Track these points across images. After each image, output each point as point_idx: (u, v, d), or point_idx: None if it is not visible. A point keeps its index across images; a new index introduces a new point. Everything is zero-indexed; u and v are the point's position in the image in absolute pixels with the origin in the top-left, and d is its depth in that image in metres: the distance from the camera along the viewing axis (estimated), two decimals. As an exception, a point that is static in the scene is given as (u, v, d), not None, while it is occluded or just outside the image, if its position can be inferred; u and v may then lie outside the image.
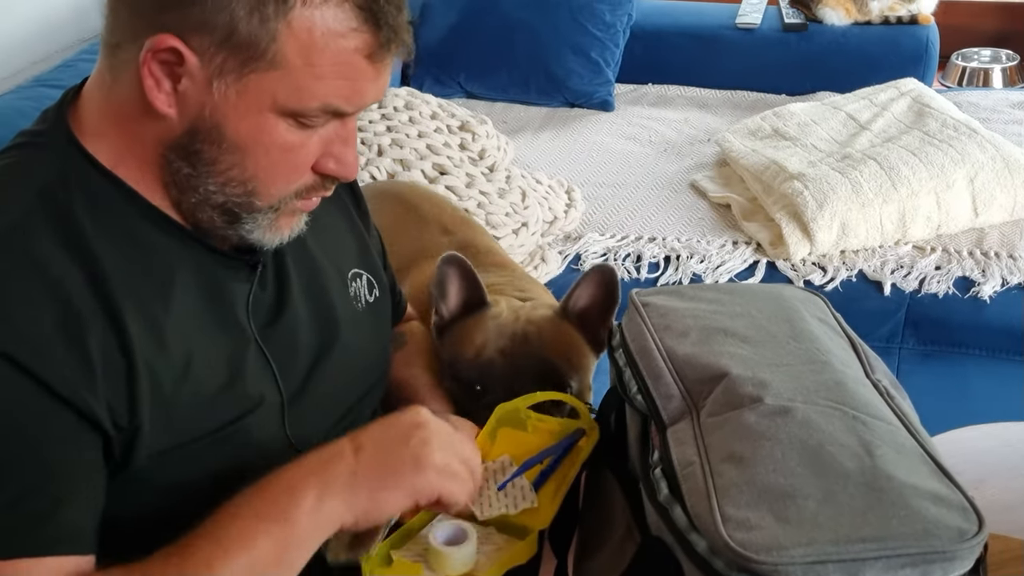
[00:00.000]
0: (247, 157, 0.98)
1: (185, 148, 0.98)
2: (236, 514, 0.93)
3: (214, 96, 0.95)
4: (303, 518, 0.93)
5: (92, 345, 0.93)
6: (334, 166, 1.02)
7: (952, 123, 2.59)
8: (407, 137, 2.52)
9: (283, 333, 1.11)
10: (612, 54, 3.23)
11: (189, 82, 0.94)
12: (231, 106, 0.95)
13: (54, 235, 0.95)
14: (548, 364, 1.38)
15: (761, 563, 0.78)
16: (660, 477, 0.93)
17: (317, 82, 0.95)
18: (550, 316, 1.44)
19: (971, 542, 0.80)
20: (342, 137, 1.01)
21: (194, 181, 0.99)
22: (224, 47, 0.93)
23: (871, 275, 2.34)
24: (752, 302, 1.10)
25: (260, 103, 0.95)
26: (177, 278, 1.02)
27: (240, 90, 0.94)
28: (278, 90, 0.95)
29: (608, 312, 1.42)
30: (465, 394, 1.38)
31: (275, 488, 0.95)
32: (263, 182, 1.00)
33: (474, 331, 1.42)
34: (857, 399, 0.93)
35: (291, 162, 1.00)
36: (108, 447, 0.95)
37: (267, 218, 1.03)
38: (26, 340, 0.90)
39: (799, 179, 2.45)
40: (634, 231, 2.56)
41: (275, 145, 0.98)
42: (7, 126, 1.73)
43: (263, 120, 0.96)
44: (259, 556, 0.92)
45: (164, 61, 0.94)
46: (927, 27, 3.23)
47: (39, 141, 1.02)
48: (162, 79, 0.95)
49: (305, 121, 0.98)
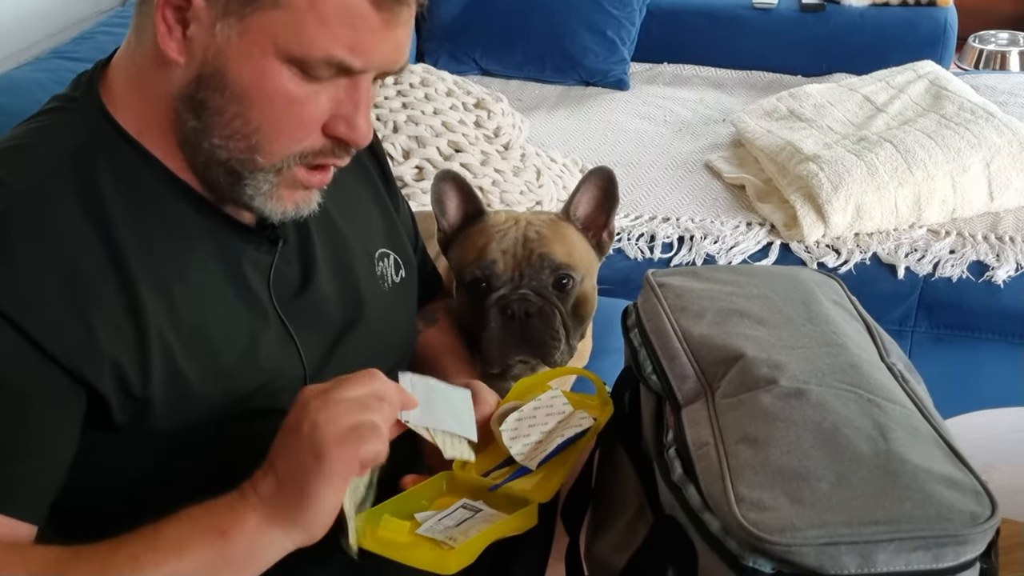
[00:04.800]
0: (251, 107, 0.96)
1: (192, 97, 0.97)
2: (178, 518, 0.90)
3: (217, 39, 0.94)
4: (242, 537, 0.90)
5: (99, 311, 0.94)
6: (344, 129, 0.99)
7: (969, 106, 2.58)
8: (422, 114, 2.52)
9: (307, 308, 1.11)
10: (628, 32, 3.22)
11: (197, 27, 0.95)
12: (234, 48, 0.94)
13: (75, 199, 0.96)
14: (549, 259, 1.44)
15: (774, 544, 0.78)
16: (674, 457, 0.94)
17: (320, 28, 0.93)
18: (551, 218, 1.52)
19: (983, 526, 0.80)
20: (353, 99, 0.98)
21: (200, 136, 0.99)
22: None
23: (885, 258, 2.34)
24: (768, 284, 1.10)
25: (262, 46, 0.94)
26: (195, 248, 1.03)
27: (242, 31, 0.94)
28: (279, 32, 0.93)
29: (609, 213, 1.51)
30: (474, 297, 1.45)
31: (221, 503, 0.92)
32: (267, 136, 0.98)
33: (476, 237, 1.49)
34: (872, 382, 0.94)
35: (296, 116, 0.97)
36: (106, 412, 0.96)
37: (269, 182, 1.01)
38: (27, 299, 0.90)
39: (814, 161, 2.44)
40: (648, 211, 2.56)
41: (278, 94, 0.96)
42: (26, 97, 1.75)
43: (265, 64, 0.95)
44: (190, 565, 0.89)
45: (176, 7, 0.94)
46: (945, 9, 3.21)
47: (70, 107, 1.03)
48: (174, 25, 0.95)
49: (310, 72, 0.95)
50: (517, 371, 1.47)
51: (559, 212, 1.53)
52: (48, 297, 0.91)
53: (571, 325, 1.46)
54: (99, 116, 1.01)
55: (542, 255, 1.45)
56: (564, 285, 1.45)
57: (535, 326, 1.43)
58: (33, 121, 1.04)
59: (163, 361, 0.97)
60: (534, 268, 1.44)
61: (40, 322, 0.90)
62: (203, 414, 1.01)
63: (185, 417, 1.00)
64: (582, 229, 1.52)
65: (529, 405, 1.13)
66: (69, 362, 0.92)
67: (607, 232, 1.53)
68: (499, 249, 1.45)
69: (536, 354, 1.44)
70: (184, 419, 1.00)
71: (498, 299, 1.43)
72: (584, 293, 1.48)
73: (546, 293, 1.44)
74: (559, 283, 1.45)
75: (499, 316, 1.43)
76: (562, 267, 1.45)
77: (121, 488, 1.01)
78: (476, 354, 1.43)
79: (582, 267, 1.48)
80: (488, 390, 1.17)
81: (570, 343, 1.47)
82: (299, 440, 0.91)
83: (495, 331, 1.43)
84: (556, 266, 1.45)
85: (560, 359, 1.45)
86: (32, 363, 0.91)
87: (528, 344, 1.43)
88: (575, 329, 1.47)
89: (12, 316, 0.89)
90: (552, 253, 1.45)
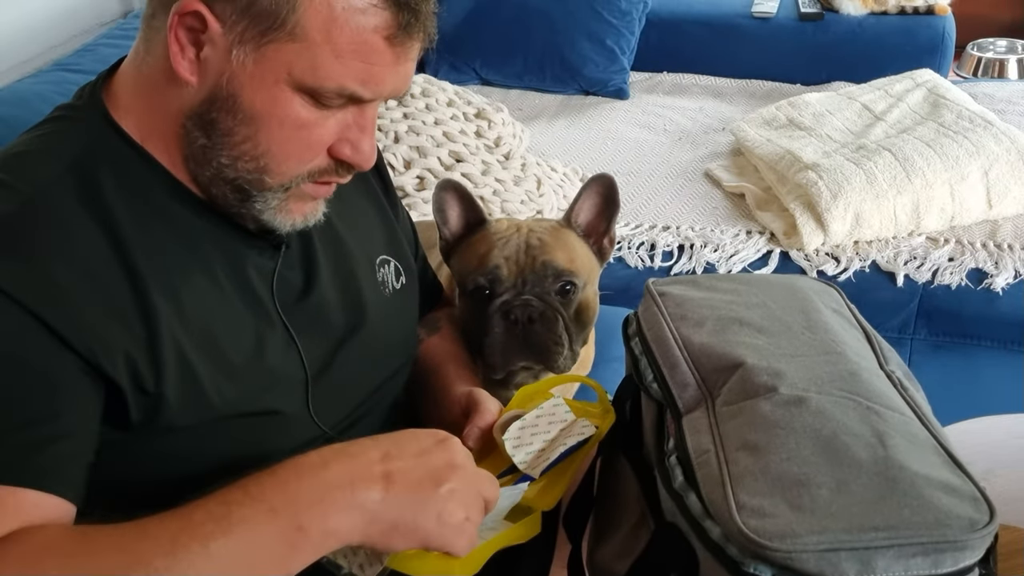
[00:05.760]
0: (261, 130, 0.99)
1: (202, 117, 0.99)
2: (244, 496, 0.88)
3: (232, 64, 0.96)
4: (315, 528, 0.87)
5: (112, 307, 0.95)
6: (349, 152, 1.03)
7: (967, 115, 2.59)
8: (424, 124, 2.53)
9: (309, 313, 1.13)
10: (628, 42, 3.23)
11: (211, 50, 0.96)
12: (248, 75, 0.96)
13: (81, 203, 0.98)
14: (552, 266, 1.46)
15: (775, 550, 0.79)
16: (675, 465, 0.94)
17: (335, 61, 0.96)
18: (552, 225, 1.53)
19: (982, 532, 0.80)
20: (360, 124, 1.02)
21: (209, 153, 1.00)
22: (246, 15, 0.95)
23: (884, 266, 2.35)
24: (767, 293, 1.10)
25: (276, 74, 0.96)
26: (199, 252, 1.04)
27: (258, 59, 0.96)
28: (295, 63, 0.95)
29: (610, 220, 1.52)
30: (477, 304, 1.46)
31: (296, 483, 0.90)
32: (275, 158, 1.00)
33: (478, 244, 1.50)
34: (871, 390, 0.94)
35: (304, 140, 1.00)
36: (123, 406, 0.96)
37: (277, 198, 1.03)
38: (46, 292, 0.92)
39: (813, 169, 2.45)
40: (648, 220, 2.57)
41: (289, 119, 0.98)
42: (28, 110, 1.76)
43: (278, 92, 0.97)
44: (260, 544, 0.86)
45: (190, 28, 0.96)
46: (943, 17, 3.22)
47: (74, 115, 1.05)
48: (187, 46, 0.97)
49: (321, 100, 0.98)
50: (520, 378, 1.47)
51: (560, 219, 1.54)
52: (65, 290, 0.93)
53: (574, 331, 1.47)
54: (103, 122, 1.02)
55: (545, 262, 1.46)
56: (567, 291, 1.46)
57: (538, 331, 1.44)
58: (37, 129, 1.06)
59: (175, 358, 0.99)
60: (537, 274, 1.45)
61: (59, 314, 0.92)
62: (213, 414, 1.02)
63: (196, 416, 1.01)
64: (583, 236, 1.53)
65: (531, 414, 1.14)
66: (88, 353, 0.93)
67: (608, 239, 1.55)
68: (502, 256, 1.46)
69: (539, 359, 1.45)
70: (195, 418, 1.01)
71: (501, 305, 1.44)
72: (586, 299, 1.49)
73: (549, 299, 1.45)
74: (562, 289, 1.46)
75: (502, 322, 1.44)
76: (565, 273, 1.46)
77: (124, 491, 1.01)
78: (479, 361, 1.44)
79: (584, 273, 1.49)
80: (491, 398, 1.18)
81: (573, 349, 1.47)
82: (433, 492, 0.90)
83: (498, 336, 1.43)
84: (559, 272, 1.46)
85: (563, 365, 1.45)
86: (55, 352, 0.92)
87: (531, 349, 1.44)
88: (577, 335, 1.48)
89: (33, 308, 0.91)
90: (555, 260, 1.46)
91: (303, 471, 0.89)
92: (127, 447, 0.99)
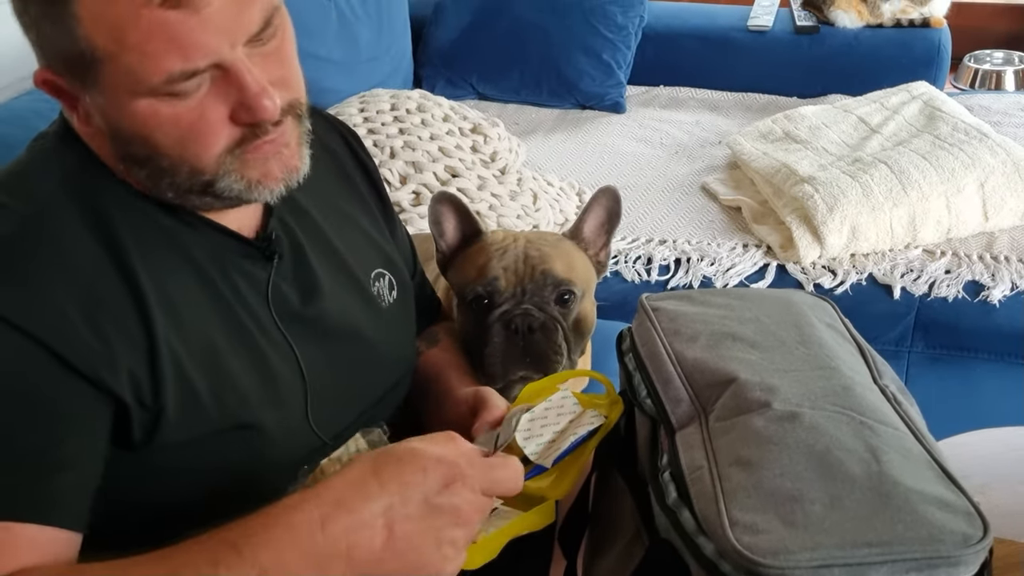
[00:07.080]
0: (159, 143, 0.97)
1: (124, 156, 1.00)
2: (236, 558, 0.85)
3: (99, 106, 0.97)
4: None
5: (113, 323, 0.95)
6: (245, 115, 0.97)
7: (963, 127, 2.59)
8: (419, 139, 2.53)
9: (308, 324, 1.13)
10: (624, 56, 3.24)
11: (84, 101, 0.98)
12: (111, 108, 0.96)
13: (79, 220, 0.98)
14: (552, 275, 1.47)
15: (768, 567, 0.79)
16: (669, 481, 0.94)
17: (142, 56, 0.92)
18: (550, 236, 1.55)
19: (976, 547, 0.80)
20: (235, 85, 0.96)
21: (154, 177, 1.00)
22: (66, 66, 0.95)
23: (881, 279, 2.34)
24: (761, 307, 1.10)
25: (123, 96, 0.94)
26: (194, 265, 1.05)
27: (102, 90, 0.95)
28: (121, 79, 0.93)
29: (610, 232, 1.55)
30: (476, 314, 1.47)
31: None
32: (190, 157, 0.98)
33: (476, 255, 1.51)
34: (864, 404, 0.94)
35: (195, 130, 0.97)
36: (127, 424, 0.97)
37: (229, 177, 1.00)
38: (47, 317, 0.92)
39: (809, 182, 2.45)
40: (645, 233, 2.57)
41: (166, 123, 0.96)
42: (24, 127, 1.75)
43: (137, 107, 0.95)
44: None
45: (58, 91, 0.98)
46: (939, 30, 3.22)
47: (53, 142, 1.05)
48: (67, 105, 1.00)
49: (172, 92, 0.94)
50: (518, 390, 1.48)
51: (567, 231, 1.56)
52: (66, 313, 0.93)
53: (572, 341, 1.47)
54: (81, 147, 1.03)
55: (544, 271, 1.46)
56: (566, 300, 1.47)
57: (538, 340, 1.44)
58: (28, 151, 1.06)
59: (173, 371, 0.99)
60: (536, 284, 1.46)
61: (61, 338, 0.92)
62: (212, 426, 1.02)
63: (195, 429, 1.01)
64: (583, 247, 1.54)
65: (540, 406, 1.14)
66: (92, 373, 0.93)
67: (605, 251, 1.56)
68: (500, 266, 1.47)
69: (539, 368, 1.45)
70: (195, 431, 1.01)
71: (501, 314, 1.45)
72: (584, 310, 1.50)
73: (548, 308, 1.46)
74: (561, 299, 1.47)
75: (502, 331, 1.44)
76: (564, 283, 1.47)
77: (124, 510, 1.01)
78: (479, 371, 1.44)
79: (583, 283, 1.50)
80: (497, 395, 1.19)
81: (571, 358, 1.48)
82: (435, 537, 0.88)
83: (498, 346, 1.44)
84: (558, 282, 1.46)
85: None
86: (58, 377, 0.92)
87: (531, 358, 1.45)
88: (576, 345, 1.49)
89: (36, 334, 0.91)
90: (553, 269, 1.47)
91: (298, 532, 0.85)
92: (129, 464, 0.99)
